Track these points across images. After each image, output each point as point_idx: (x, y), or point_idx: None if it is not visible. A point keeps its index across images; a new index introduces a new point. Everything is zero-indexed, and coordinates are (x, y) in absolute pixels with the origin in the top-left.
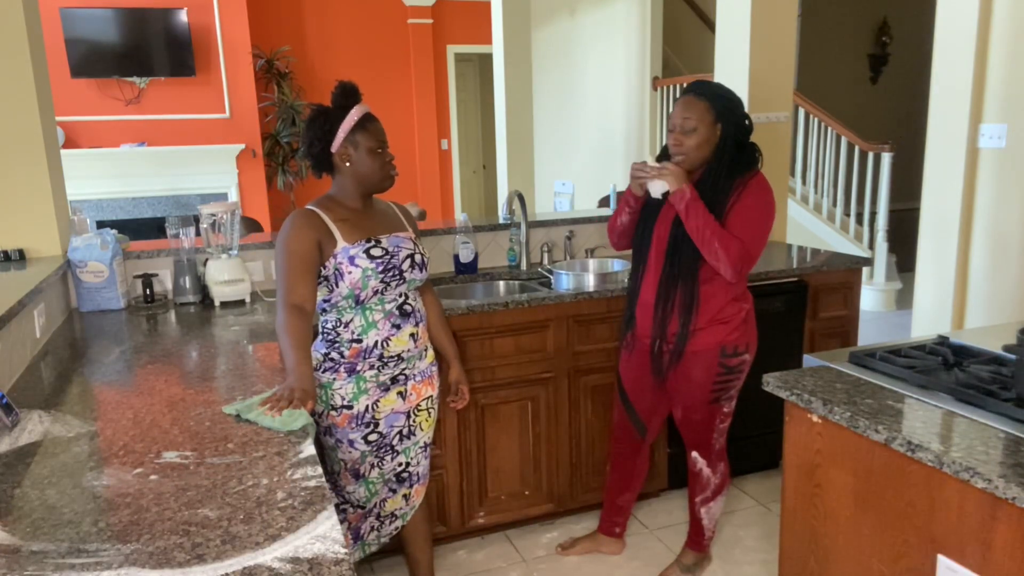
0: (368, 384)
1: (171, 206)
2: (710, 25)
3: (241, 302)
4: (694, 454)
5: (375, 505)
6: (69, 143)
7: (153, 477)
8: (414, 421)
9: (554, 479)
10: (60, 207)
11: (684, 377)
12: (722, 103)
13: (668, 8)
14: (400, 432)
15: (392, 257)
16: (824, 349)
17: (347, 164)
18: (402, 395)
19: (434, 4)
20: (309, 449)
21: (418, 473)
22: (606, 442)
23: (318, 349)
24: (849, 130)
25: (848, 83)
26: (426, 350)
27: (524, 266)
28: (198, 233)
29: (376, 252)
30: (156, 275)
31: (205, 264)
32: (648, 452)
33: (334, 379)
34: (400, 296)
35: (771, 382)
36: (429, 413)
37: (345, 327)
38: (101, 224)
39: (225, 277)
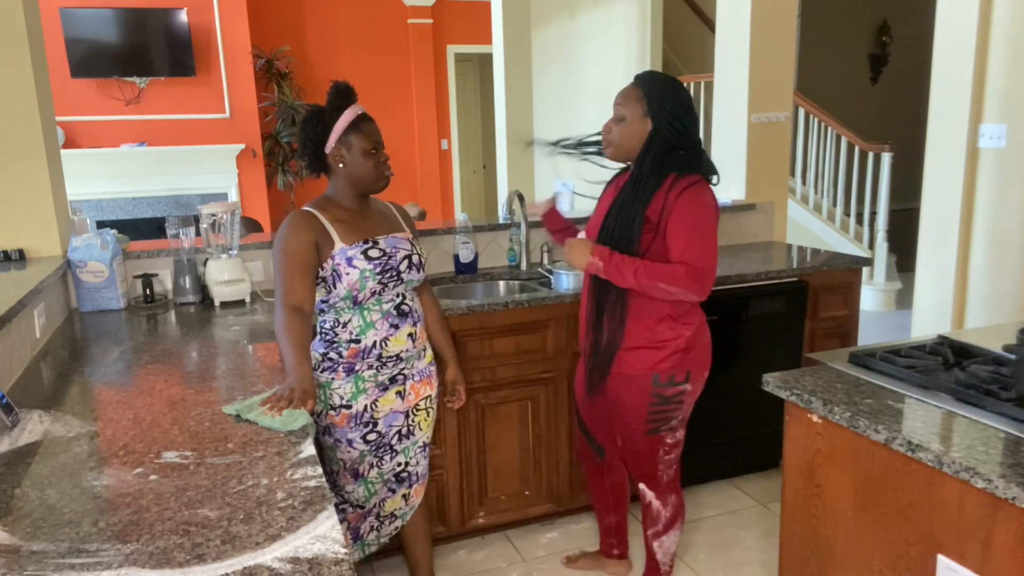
0: (367, 384)
1: (171, 206)
2: (710, 25)
3: (241, 302)
4: (641, 485)
5: (375, 505)
6: (69, 143)
7: (153, 477)
8: (413, 421)
9: (554, 479)
10: (60, 207)
11: (616, 403)
12: (658, 98)
13: (668, 8)
14: (399, 432)
15: (390, 258)
16: (824, 349)
17: (341, 165)
18: (400, 395)
19: (434, 4)
20: (309, 449)
21: (417, 473)
22: None
23: (316, 349)
24: (849, 130)
25: (848, 83)
26: (424, 350)
27: (524, 266)
28: (198, 233)
29: (374, 253)
30: (156, 275)
31: (205, 264)
32: (620, 468)
33: (332, 379)
34: (397, 296)
35: (771, 382)
36: (428, 413)
37: (343, 327)
38: (101, 224)
39: (225, 277)
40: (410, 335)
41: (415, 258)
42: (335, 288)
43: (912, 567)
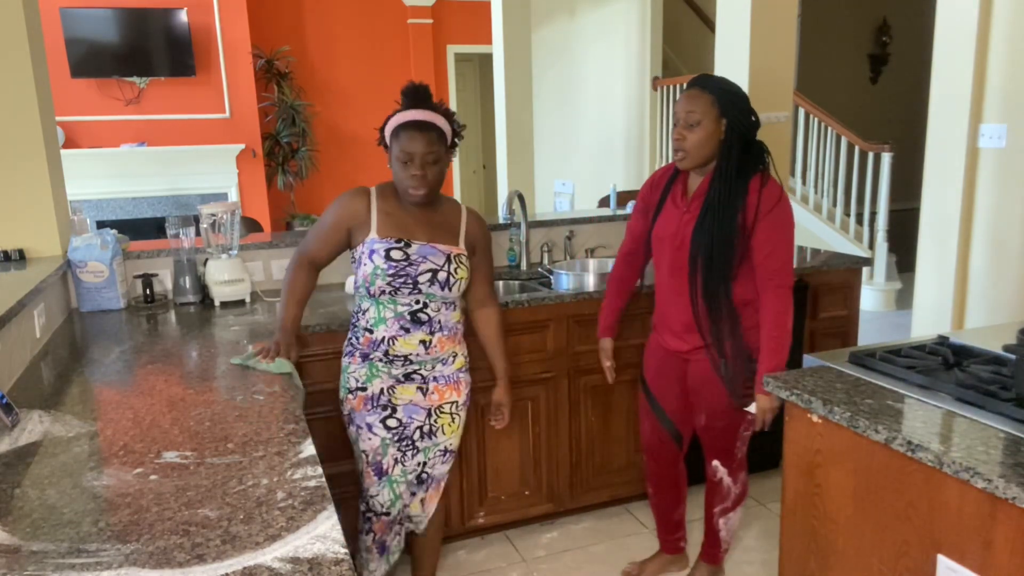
0: (380, 371)
1: (171, 206)
2: (710, 25)
3: (241, 302)
4: (715, 463)
5: (399, 511)
6: (69, 143)
7: (153, 477)
8: (436, 421)
9: (554, 479)
10: (60, 207)
11: (710, 381)
12: (728, 97)
13: (668, 8)
14: (420, 428)
15: (410, 265)
16: (824, 349)
17: (388, 163)
18: (423, 391)
19: (434, 4)
20: (309, 449)
21: (433, 476)
22: (606, 442)
23: (350, 331)
24: (849, 130)
25: (848, 83)
26: (453, 357)
27: (524, 266)
28: (198, 233)
29: (396, 255)
30: (156, 275)
31: (205, 264)
32: (683, 456)
33: (349, 363)
34: (416, 303)
35: (771, 382)
36: (452, 418)
37: (363, 314)
38: (101, 224)
39: (225, 277)
40: (423, 342)
41: (442, 275)
42: (356, 273)
43: (912, 567)
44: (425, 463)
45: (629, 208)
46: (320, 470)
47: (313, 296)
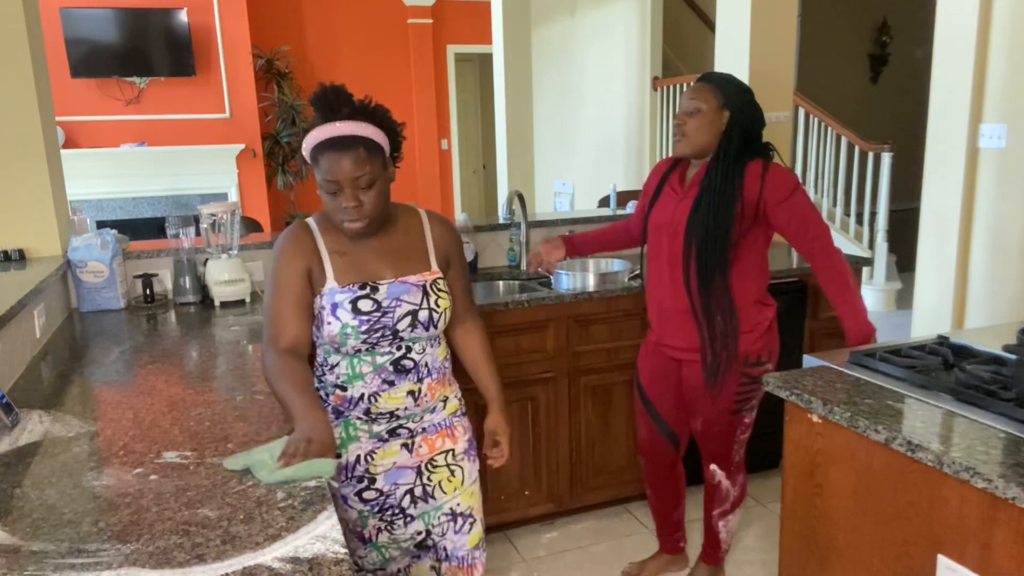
0: (359, 431)
1: (171, 206)
2: (710, 25)
3: (241, 302)
4: (712, 466)
5: (398, 571)
6: (69, 143)
7: (153, 477)
8: (428, 480)
9: (554, 479)
10: (60, 207)
11: (703, 386)
12: (731, 90)
13: (668, 8)
14: (410, 492)
15: (384, 314)
16: (824, 349)
17: (319, 190)
18: (408, 448)
19: (434, 4)
20: None
21: (446, 548)
22: (606, 442)
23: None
24: (849, 130)
25: (848, 83)
26: (444, 402)
27: (524, 266)
28: (198, 233)
29: (365, 305)
30: (156, 275)
31: (205, 264)
32: (681, 459)
33: None
34: (397, 351)
35: (771, 382)
36: (452, 472)
37: (331, 369)
38: (101, 224)
39: (225, 277)
40: (411, 392)
41: (423, 314)
42: (319, 330)
43: (912, 567)
44: (429, 530)
45: (629, 208)
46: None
47: None
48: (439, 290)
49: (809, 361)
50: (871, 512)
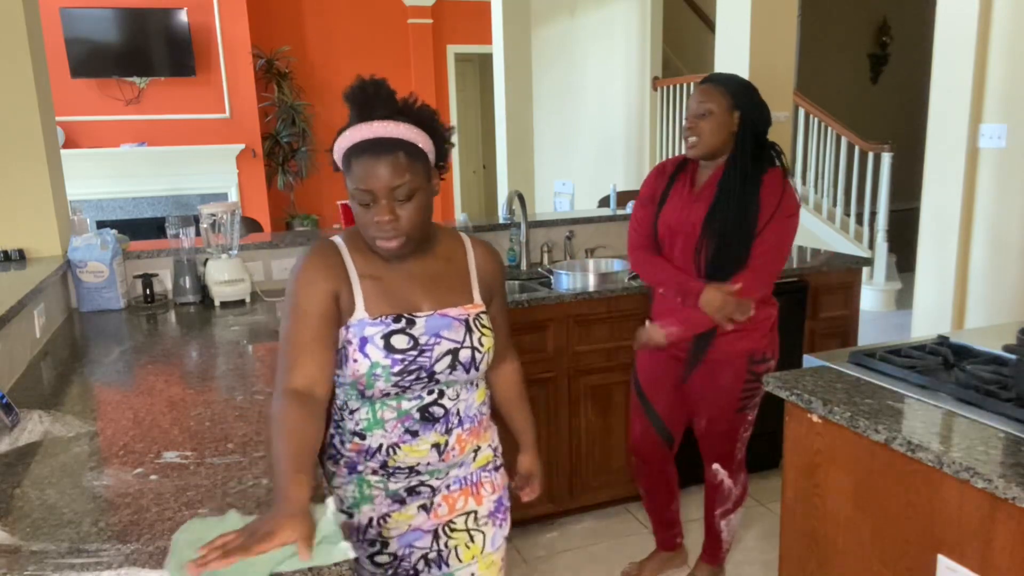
0: (373, 490)
1: (171, 206)
2: (710, 25)
3: (241, 302)
4: (715, 466)
5: None
6: (69, 143)
7: (153, 477)
8: (446, 545)
9: (554, 479)
10: (60, 207)
11: (711, 384)
12: (739, 90)
13: (668, 8)
14: (424, 557)
15: (422, 352)
16: (824, 349)
17: (349, 199)
18: (426, 508)
19: (434, 4)
20: None
21: None
22: (606, 442)
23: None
24: (849, 130)
25: (848, 83)
26: (475, 452)
27: (524, 266)
28: (198, 233)
29: (400, 342)
30: (156, 275)
31: (205, 264)
32: (673, 457)
33: (334, 473)
34: (429, 395)
35: (771, 382)
36: (472, 537)
37: (350, 414)
38: (101, 224)
39: (225, 277)
40: (436, 446)
41: (465, 354)
42: (342, 368)
43: (912, 567)
44: None
45: (629, 208)
46: (320, 471)
47: None
48: (483, 326)
49: (809, 361)
50: (871, 512)
